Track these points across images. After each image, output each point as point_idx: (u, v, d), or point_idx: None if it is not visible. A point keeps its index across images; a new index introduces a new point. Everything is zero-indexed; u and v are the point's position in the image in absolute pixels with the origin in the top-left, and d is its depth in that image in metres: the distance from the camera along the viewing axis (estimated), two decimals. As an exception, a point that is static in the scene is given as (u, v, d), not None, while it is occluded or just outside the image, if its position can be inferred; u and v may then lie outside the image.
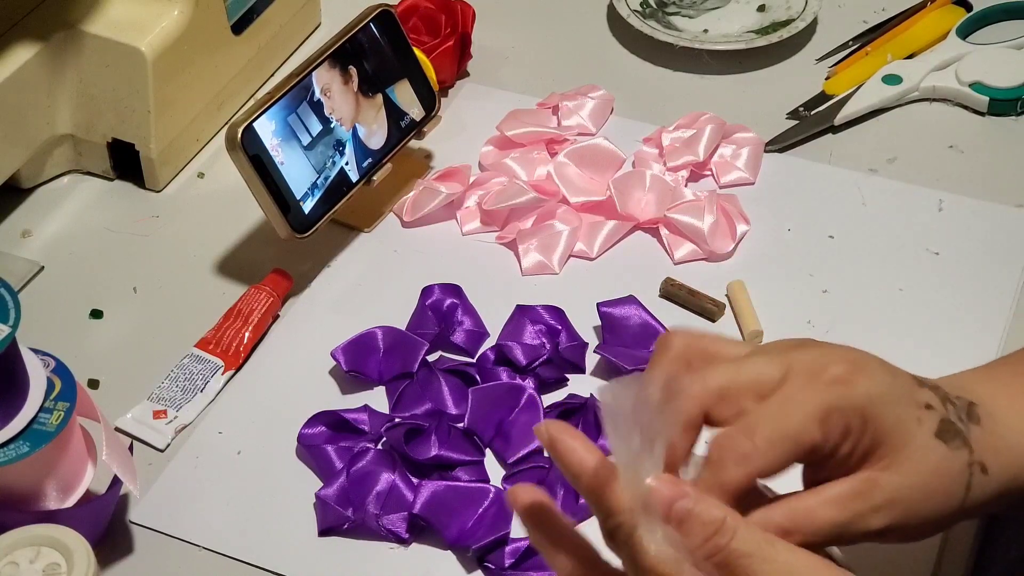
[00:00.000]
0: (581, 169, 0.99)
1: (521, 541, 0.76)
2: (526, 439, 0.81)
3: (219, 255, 0.96)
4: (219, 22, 1.02)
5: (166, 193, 1.02)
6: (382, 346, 0.86)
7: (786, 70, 1.11)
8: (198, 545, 0.78)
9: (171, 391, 0.86)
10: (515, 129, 1.02)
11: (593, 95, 1.06)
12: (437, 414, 0.83)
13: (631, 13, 1.13)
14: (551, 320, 0.88)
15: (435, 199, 0.97)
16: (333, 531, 0.79)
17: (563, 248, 0.94)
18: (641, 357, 0.86)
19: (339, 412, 0.83)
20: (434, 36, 1.07)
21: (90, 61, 0.97)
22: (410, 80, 0.98)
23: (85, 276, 0.95)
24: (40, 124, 0.98)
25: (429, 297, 0.90)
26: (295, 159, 0.91)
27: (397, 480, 0.79)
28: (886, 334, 0.89)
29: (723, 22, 1.14)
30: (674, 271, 0.94)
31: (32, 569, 0.68)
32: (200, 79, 1.02)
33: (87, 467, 0.77)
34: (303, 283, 0.94)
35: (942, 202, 0.98)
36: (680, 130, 1.02)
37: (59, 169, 1.02)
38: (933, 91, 1.07)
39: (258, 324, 0.89)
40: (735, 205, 0.96)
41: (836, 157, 1.03)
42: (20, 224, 0.99)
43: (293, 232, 0.91)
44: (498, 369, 0.86)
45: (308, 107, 0.92)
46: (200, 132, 1.04)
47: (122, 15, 0.97)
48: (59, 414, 0.73)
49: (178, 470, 0.82)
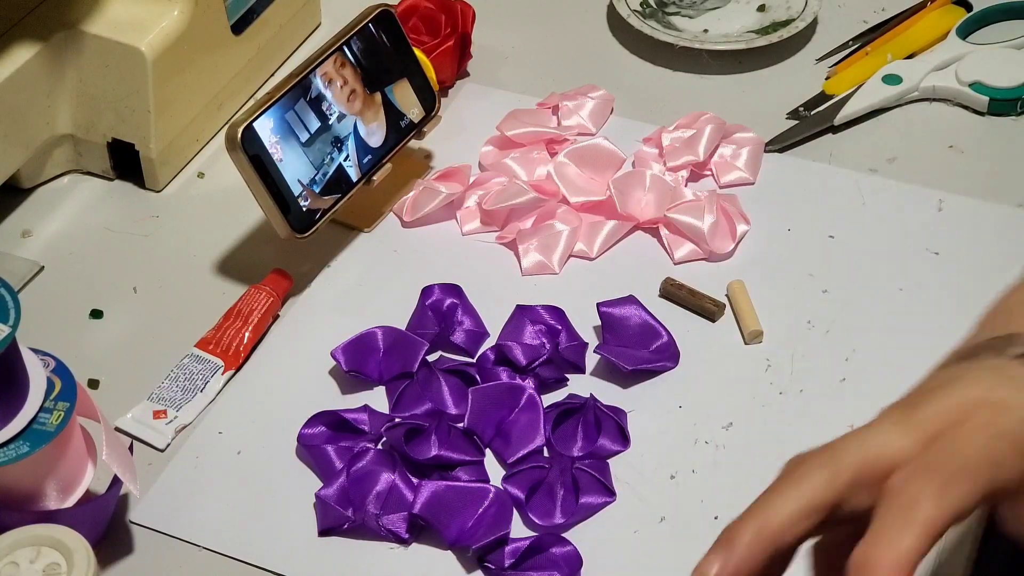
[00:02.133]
0: (581, 169, 0.99)
1: (521, 541, 0.76)
2: (526, 439, 0.81)
3: (219, 255, 0.96)
4: (219, 22, 1.02)
5: (166, 193, 1.02)
6: (382, 346, 0.86)
7: (786, 70, 1.11)
8: (198, 545, 0.78)
9: (171, 391, 0.86)
10: (515, 129, 1.02)
11: (593, 95, 1.06)
12: (437, 414, 0.83)
13: (631, 13, 1.13)
14: (551, 320, 0.88)
15: (435, 199, 0.97)
16: (333, 531, 0.79)
17: (563, 248, 0.94)
18: (641, 357, 0.86)
19: (339, 412, 0.83)
20: (434, 36, 1.07)
21: (90, 61, 0.97)
22: (410, 80, 0.99)
23: (85, 276, 0.95)
24: (40, 124, 0.98)
25: (429, 297, 0.90)
26: (293, 156, 0.91)
27: (397, 480, 0.79)
28: (886, 334, 0.89)
29: (723, 22, 1.14)
30: (674, 271, 0.94)
31: (32, 569, 0.68)
32: (200, 79, 1.02)
33: (87, 467, 0.77)
34: (303, 283, 0.94)
35: (942, 202, 0.98)
36: (680, 130, 1.02)
37: (59, 169, 1.02)
38: (933, 91, 1.07)
39: (258, 324, 0.89)
40: (735, 205, 0.96)
41: (836, 157, 1.03)
42: (20, 224, 0.99)
43: (293, 232, 0.91)
44: (498, 369, 0.86)
45: (306, 104, 0.92)
46: (200, 132, 1.04)
47: (122, 15, 0.97)
48: (59, 414, 0.73)
49: (178, 470, 0.82)
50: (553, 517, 0.78)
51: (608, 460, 0.82)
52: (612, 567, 0.77)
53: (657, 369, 0.86)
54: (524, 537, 0.76)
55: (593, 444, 0.82)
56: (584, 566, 0.76)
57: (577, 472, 0.80)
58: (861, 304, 0.91)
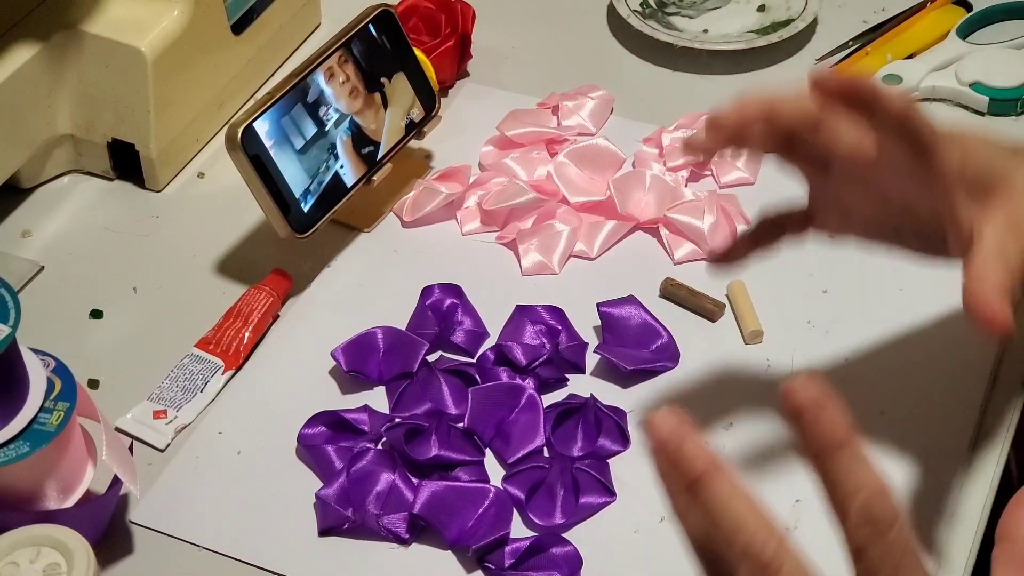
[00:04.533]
0: (581, 169, 0.99)
1: (521, 541, 0.76)
2: (526, 439, 0.81)
3: (219, 255, 0.96)
4: (219, 22, 1.02)
5: (166, 193, 1.02)
6: (382, 346, 0.86)
7: (786, 70, 1.11)
8: (198, 545, 0.79)
9: (171, 391, 0.86)
10: (515, 129, 1.02)
11: (593, 95, 1.06)
12: (437, 414, 0.83)
13: (631, 13, 1.13)
14: (551, 320, 0.88)
15: (435, 199, 0.97)
16: (333, 531, 0.79)
17: (563, 248, 0.94)
18: (641, 357, 0.86)
19: (339, 412, 0.83)
20: (434, 36, 1.07)
21: (90, 61, 0.97)
22: (410, 80, 0.98)
23: (85, 276, 0.95)
24: (40, 124, 0.98)
25: (429, 297, 0.90)
26: (288, 164, 0.90)
27: (397, 480, 0.79)
28: (886, 334, 0.89)
29: (723, 22, 1.14)
30: (674, 271, 0.94)
31: (32, 569, 0.68)
32: (200, 79, 1.02)
33: (87, 467, 0.77)
34: (303, 283, 0.94)
35: (942, 202, 0.98)
36: (680, 130, 1.02)
37: (59, 169, 1.02)
38: (933, 91, 1.07)
39: (258, 324, 0.89)
40: (735, 205, 0.96)
41: (836, 157, 1.02)
42: (20, 224, 0.99)
43: (293, 232, 0.91)
44: (498, 369, 0.86)
45: (303, 109, 0.92)
46: (200, 132, 1.04)
47: (122, 15, 0.97)
48: (59, 414, 0.73)
49: (178, 470, 0.82)
50: (553, 517, 0.78)
51: (608, 460, 0.82)
52: (612, 567, 0.77)
53: (657, 369, 0.86)
54: (524, 537, 0.76)
55: (593, 444, 0.82)
56: (584, 566, 0.76)
57: (577, 472, 0.80)
58: (861, 304, 0.91)
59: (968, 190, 0.71)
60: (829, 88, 0.72)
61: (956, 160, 0.71)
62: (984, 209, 0.71)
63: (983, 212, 0.71)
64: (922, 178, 0.72)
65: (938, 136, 0.72)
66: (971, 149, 0.72)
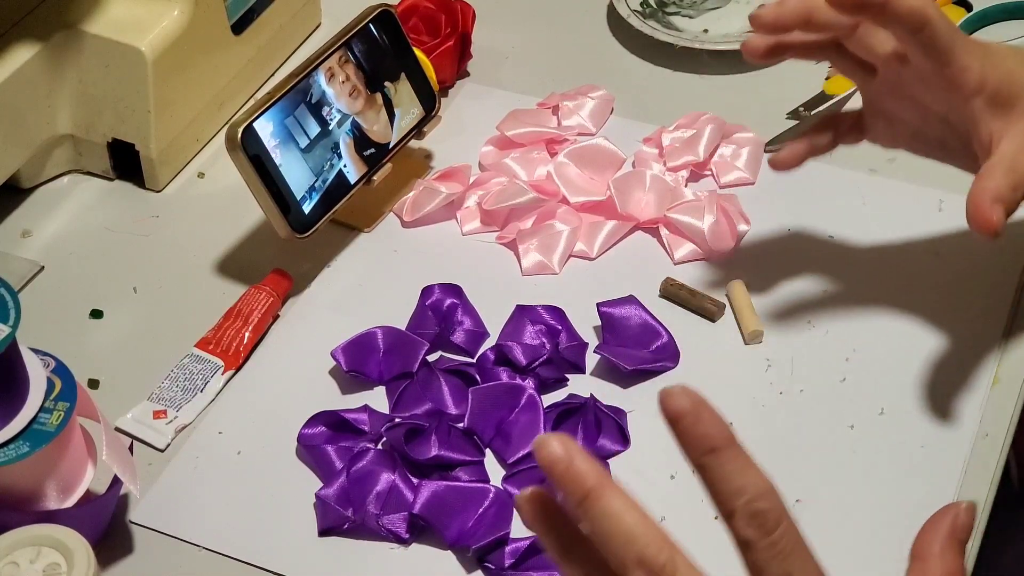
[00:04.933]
0: (581, 169, 0.99)
1: (521, 541, 0.76)
2: (526, 439, 0.81)
3: (219, 255, 0.96)
4: (219, 22, 1.02)
5: (166, 193, 1.02)
6: (382, 346, 0.86)
7: (786, 70, 1.11)
8: (198, 545, 0.79)
9: (171, 391, 0.86)
10: (515, 129, 1.02)
11: (593, 95, 1.06)
12: (437, 414, 0.83)
13: (631, 13, 1.13)
14: (551, 320, 0.88)
15: (435, 199, 0.97)
16: (333, 531, 0.79)
17: (563, 248, 0.94)
18: (641, 357, 0.86)
19: (339, 412, 0.83)
20: (434, 36, 1.07)
21: (90, 61, 0.97)
22: (410, 80, 0.99)
23: (85, 276, 0.95)
24: (40, 124, 0.98)
25: (429, 297, 0.90)
26: (293, 162, 0.91)
27: (397, 480, 0.79)
28: (886, 334, 0.89)
29: (723, 22, 1.14)
30: (674, 271, 0.94)
31: (32, 569, 0.68)
32: (200, 79, 1.02)
33: (87, 467, 0.77)
34: (303, 283, 0.94)
35: (942, 202, 0.98)
36: (680, 130, 1.02)
37: (59, 169, 1.02)
38: (933, 91, 1.07)
39: (258, 324, 0.89)
40: (735, 205, 0.96)
41: (836, 157, 1.02)
42: (20, 224, 0.99)
43: (293, 232, 0.91)
44: (498, 369, 0.86)
45: (306, 109, 0.92)
46: (200, 132, 1.04)
47: (122, 15, 0.97)
48: (59, 414, 0.73)
49: (178, 470, 0.82)
50: (553, 517, 0.78)
51: (608, 460, 0.82)
52: (612, 567, 0.77)
53: (657, 369, 0.86)
54: (524, 537, 0.76)
55: (593, 444, 0.82)
56: (584, 566, 0.76)
57: (577, 472, 0.80)
58: (861, 304, 0.91)
59: (991, 102, 0.72)
60: (844, 4, 0.73)
61: (976, 70, 0.72)
62: (1006, 123, 0.72)
63: (1005, 125, 0.72)
64: (946, 87, 0.73)
65: (957, 44, 0.73)
66: (994, 61, 0.73)
